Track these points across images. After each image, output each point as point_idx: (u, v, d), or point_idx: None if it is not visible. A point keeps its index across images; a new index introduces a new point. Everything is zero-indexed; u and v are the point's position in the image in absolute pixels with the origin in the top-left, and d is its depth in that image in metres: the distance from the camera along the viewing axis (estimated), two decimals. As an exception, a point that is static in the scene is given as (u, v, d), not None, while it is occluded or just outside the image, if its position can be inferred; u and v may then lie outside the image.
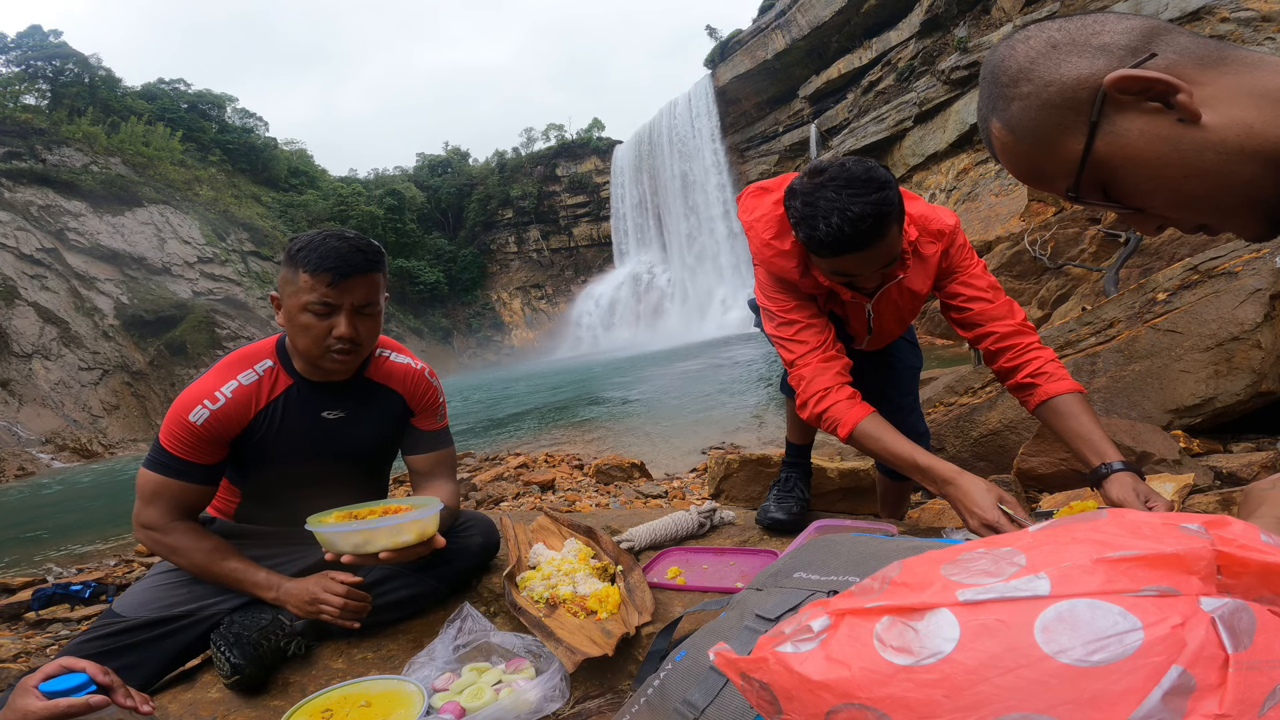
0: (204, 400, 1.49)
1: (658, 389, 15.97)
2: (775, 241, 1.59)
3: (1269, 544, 0.51)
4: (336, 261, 1.46)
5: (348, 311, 1.50)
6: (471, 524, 1.79)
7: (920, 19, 28.08)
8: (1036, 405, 1.55)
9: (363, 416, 1.66)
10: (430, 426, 1.77)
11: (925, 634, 0.50)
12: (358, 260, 1.49)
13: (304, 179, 53.48)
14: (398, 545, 1.41)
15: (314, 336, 1.50)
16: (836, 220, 1.35)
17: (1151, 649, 0.45)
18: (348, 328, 1.49)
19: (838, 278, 1.51)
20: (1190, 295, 2.87)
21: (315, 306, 1.47)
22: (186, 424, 1.48)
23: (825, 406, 1.57)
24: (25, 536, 8.54)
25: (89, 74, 43.84)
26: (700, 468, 6.23)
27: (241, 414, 1.53)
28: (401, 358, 1.73)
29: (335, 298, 1.48)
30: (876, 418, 1.53)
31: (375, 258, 1.53)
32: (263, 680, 1.47)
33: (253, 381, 1.56)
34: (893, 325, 1.77)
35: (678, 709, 0.87)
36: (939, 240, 1.63)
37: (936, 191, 25.47)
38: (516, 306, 54.41)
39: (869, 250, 1.39)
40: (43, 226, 32.48)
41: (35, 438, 24.46)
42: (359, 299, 1.51)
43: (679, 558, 1.80)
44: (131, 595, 1.54)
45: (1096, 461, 1.41)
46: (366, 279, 1.51)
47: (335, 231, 1.53)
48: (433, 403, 1.76)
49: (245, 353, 1.61)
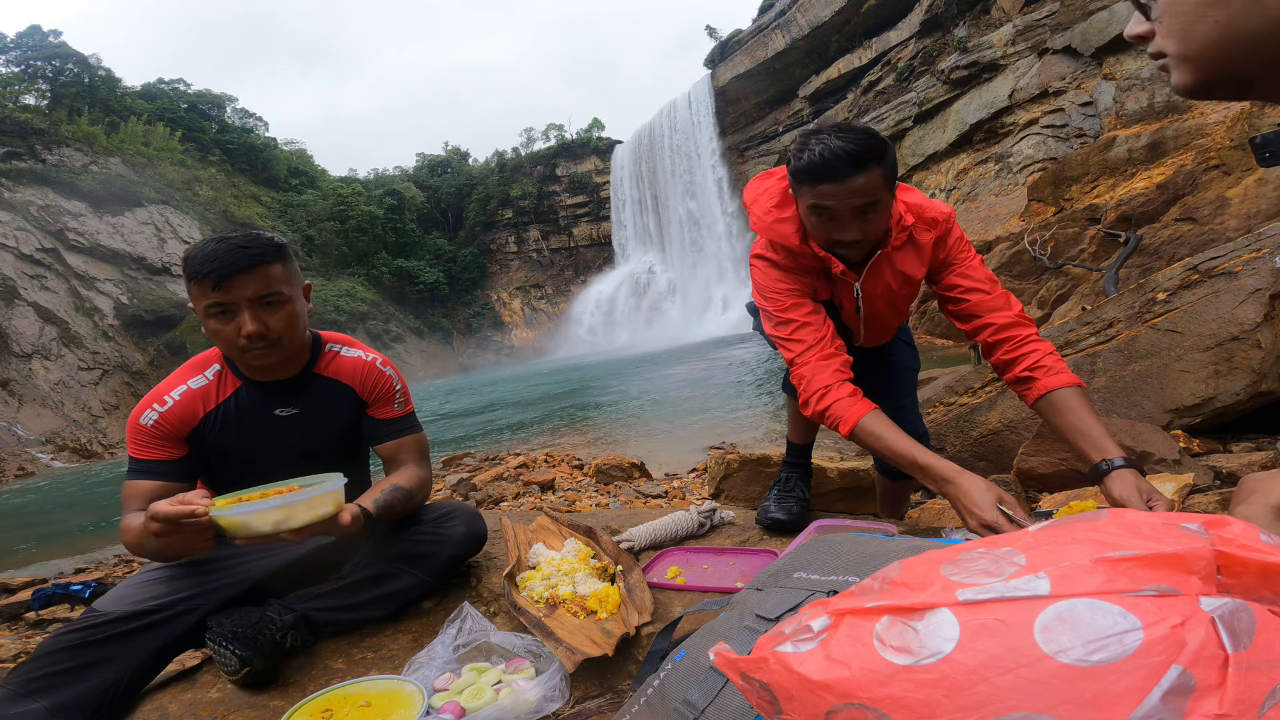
0: (153, 404, 1.57)
1: (658, 389, 15.97)
2: (776, 210, 1.66)
3: (1269, 544, 0.51)
4: (214, 264, 1.48)
5: (247, 307, 1.51)
6: (454, 514, 1.79)
7: (920, 19, 28.07)
8: (1035, 399, 1.55)
9: (316, 413, 1.69)
10: (387, 414, 1.78)
11: (925, 634, 0.50)
12: (237, 258, 1.50)
13: (304, 179, 53.43)
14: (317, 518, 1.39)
15: (225, 339, 1.54)
16: (820, 148, 1.46)
17: (1151, 649, 0.45)
18: (252, 323, 1.51)
19: (816, 215, 1.53)
20: (1190, 295, 2.88)
21: (212, 310, 1.51)
22: (139, 427, 1.56)
23: (827, 404, 1.57)
24: (25, 537, 8.53)
25: (88, 74, 43.83)
26: (700, 467, 6.23)
27: (188, 416, 1.59)
28: (352, 351, 1.76)
29: (226, 298, 1.50)
30: (878, 414, 1.54)
31: (260, 252, 1.53)
32: (271, 672, 1.47)
33: (201, 386, 1.61)
34: (884, 309, 1.76)
35: (677, 709, 0.87)
36: (933, 228, 1.67)
37: (936, 191, 25.46)
38: (516, 306, 54.40)
39: (845, 182, 1.46)
40: (42, 226, 32.47)
41: (35, 438, 24.45)
42: (253, 292, 1.52)
43: (679, 558, 1.80)
44: (112, 594, 1.56)
45: (1097, 458, 1.41)
46: (254, 273, 1.51)
47: (221, 235, 1.55)
48: (387, 391, 1.77)
49: (197, 359, 1.67)
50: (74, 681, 1.37)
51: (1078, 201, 13.90)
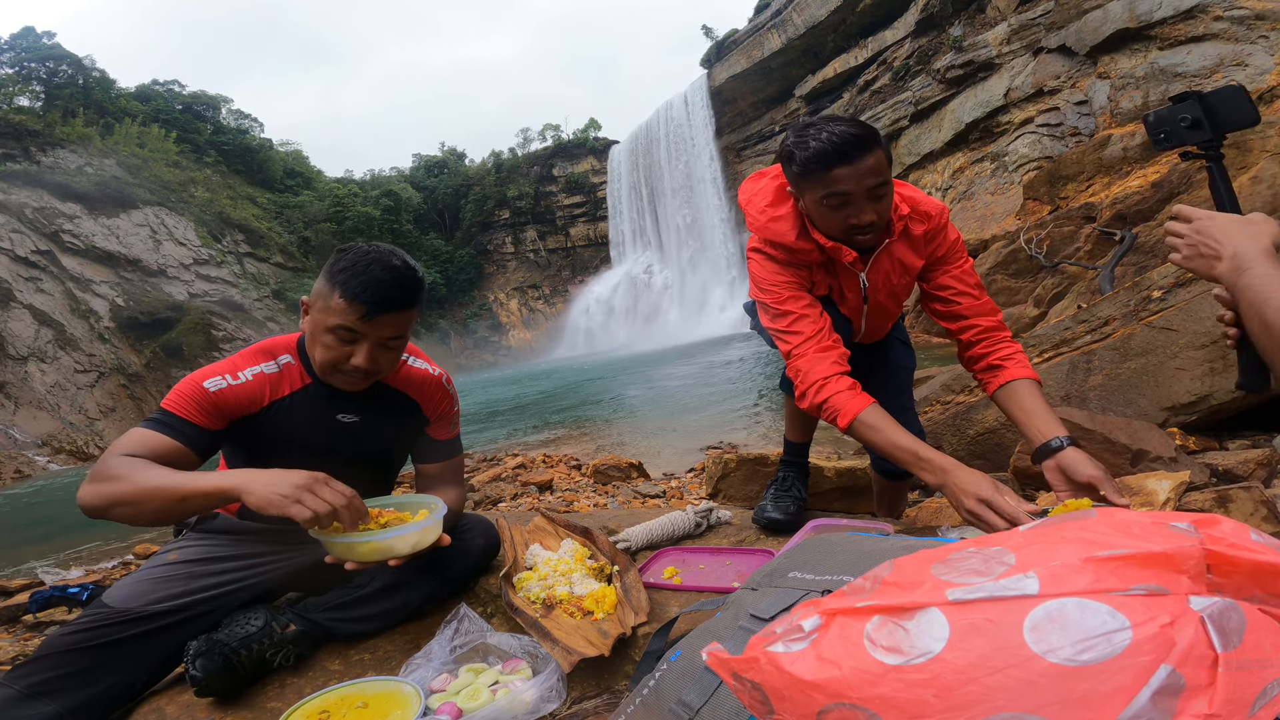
0: (225, 374, 1.49)
1: (656, 389, 15.97)
2: (770, 208, 1.68)
3: (1259, 543, 0.52)
4: (375, 294, 1.42)
5: (372, 344, 1.47)
6: (472, 526, 1.79)
7: (915, 18, 28.07)
8: (998, 386, 1.64)
9: (378, 422, 1.65)
10: (445, 436, 1.78)
11: (915, 633, 0.50)
12: (396, 297, 1.45)
13: (300, 180, 53.26)
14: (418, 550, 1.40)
15: (331, 358, 1.48)
16: (825, 134, 1.47)
17: (1140, 648, 0.45)
18: (367, 360, 1.47)
19: (832, 204, 1.52)
20: (1185, 293, 2.88)
21: (342, 332, 1.45)
22: (200, 389, 1.46)
23: (825, 396, 1.57)
24: (22, 539, 8.51)
25: (83, 75, 43.66)
26: (698, 467, 6.22)
27: (254, 399, 1.52)
28: (420, 363, 1.71)
29: (364, 329, 1.45)
30: (877, 408, 1.54)
31: (415, 292, 1.50)
32: (233, 692, 1.42)
33: (273, 373, 1.55)
34: (886, 300, 1.78)
35: (673, 709, 0.88)
36: (926, 221, 1.70)
37: (933, 190, 25.48)
38: (514, 307, 54.31)
39: (858, 162, 1.46)
40: (38, 229, 32.34)
41: (32, 440, 24.37)
42: (388, 334, 1.48)
43: (675, 558, 1.80)
44: (122, 587, 1.47)
45: (1049, 436, 1.46)
46: (401, 316, 1.48)
47: (382, 255, 1.47)
48: (448, 411, 1.76)
49: (267, 345, 1.60)
50: (86, 684, 1.34)
51: (1073, 200, 13.93)
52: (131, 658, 1.40)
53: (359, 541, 1.34)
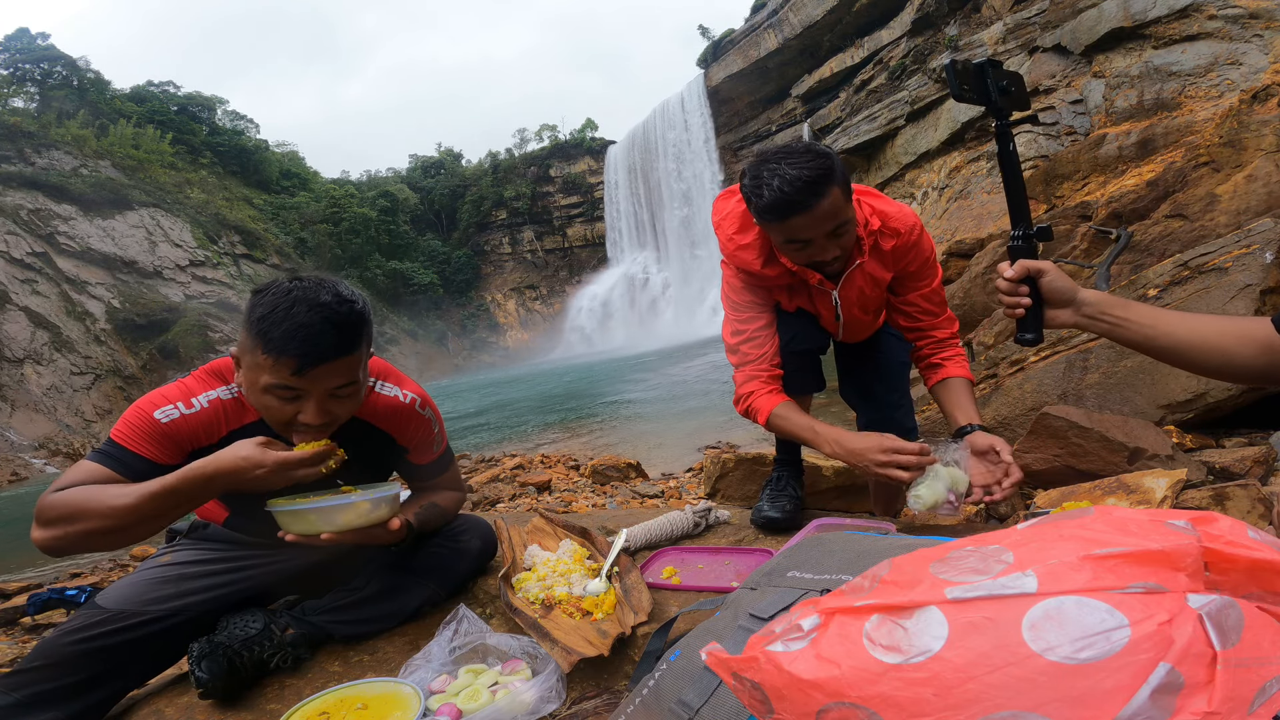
0: (178, 402, 1.35)
1: (654, 389, 15.97)
2: (737, 236, 1.73)
3: (1256, 540, 0.52)
4: (303, 346, 1.21)
5: (318, 398, 1.28)
6: (469, 527, 1.78)
7: (911, 18, 28.09)
8: (935, 381, 1.84)
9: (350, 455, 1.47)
10: (426, 459, 1.67)
11: (914, 632, 0.50)
12: (330, 342, 1.23)
13: (296, 181, 53.18)
14: (374, 521, 1.38)
15: (276, 420, 1.32)
16: (777, 183, 1.47)
17: (1139, 646, 0.45)
18: (317, 416, 1.28)
19: (794, 248, 1.59)
20: (1181, 291, 2.89)
21: (279, 391, 1.26)
22: (150, 420, 1.32)
23: (749, 403, 1.78)
24: (19, 541, 8.48)
25: (77, 77, 43.54)
26: (697, 467, 6.22)
27: (209, 428, 1.38)
28: (389, 389, 1.55)
29: (302, 385, 1.26)
30: (789, 403, 1.74)
31: (354, 331, 1.28)
32: (234, 694, 1.41)
33: (229, 399, 1.40)
34: (860, 314, 1.85)
35: (672, 709, 0.88)
36: (895, 237, 1.74)
37: (929, 189, 25.52)
38: (511, 307, 54.27)
39: (813, 210, 1.48)
40: (33, 230, 32.24)
41: (28, 443, 24.30)
42: (334, 385, 1.29)
43: (674, 557, 1.80)
44: (117, 588, 1.45)
45: (964, 422, 1.70)
46: (342, 363, 1.27)
47: (308, 293, 1.25)
48: (426, 437, 1.62)
49: (218, 366, 1.44)
50: (81, 687, 1.33)
51: (1069, 199, 13.96)
52: (130, 664, 1.39)
53: (305, 509, 1.32)
